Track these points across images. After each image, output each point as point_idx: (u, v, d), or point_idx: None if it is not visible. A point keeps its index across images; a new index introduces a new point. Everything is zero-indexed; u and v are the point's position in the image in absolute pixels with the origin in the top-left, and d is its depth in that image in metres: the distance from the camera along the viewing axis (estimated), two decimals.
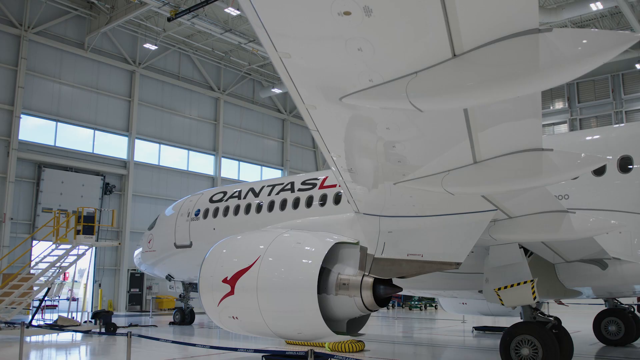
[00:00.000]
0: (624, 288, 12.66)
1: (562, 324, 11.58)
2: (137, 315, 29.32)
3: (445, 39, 4.33)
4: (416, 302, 37.64)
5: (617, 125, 28.88)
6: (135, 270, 32.91)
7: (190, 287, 22.53)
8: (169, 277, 21.89)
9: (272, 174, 43.51)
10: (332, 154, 7.29)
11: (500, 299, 10.41)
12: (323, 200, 16.31)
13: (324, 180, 16.89)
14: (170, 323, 23.07)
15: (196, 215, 20.03)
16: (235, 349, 9.60)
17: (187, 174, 37.27)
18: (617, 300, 16.19)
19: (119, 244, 27.46)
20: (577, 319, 23.84)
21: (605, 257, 10.92)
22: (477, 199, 8.64)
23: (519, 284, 10.19)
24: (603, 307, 16.97)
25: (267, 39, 4.61)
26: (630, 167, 11.37)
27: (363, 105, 5.34)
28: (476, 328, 20.36)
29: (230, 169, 40.28)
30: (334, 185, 16.40)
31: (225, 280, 10.94)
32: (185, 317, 22.82)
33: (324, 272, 10.16)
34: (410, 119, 5.88)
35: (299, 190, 17.27)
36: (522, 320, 10.81)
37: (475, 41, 4.39)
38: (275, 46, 4.67)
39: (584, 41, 4.11)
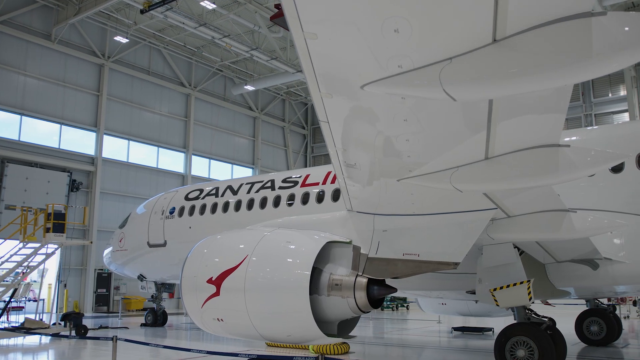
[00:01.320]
0: (608, 288, 12.63)
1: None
2: (105, 317, 28.41)
3: (490, 21, 4.01)
4: (388, 303, 37.55)
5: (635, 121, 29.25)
6: (102, 270, 31.96)
7: (163, 287, 21.85)
8: (141, 277, 21.21)
9: (243, 172, 42.89)
10: (337, 147, 6.92)
11: (495, 300, 10.22)
12: (305, 198, 15.93)
13: (306, 178, 16.52)
14: (142, 324, 22.33)
15: (171, 213, 19.42)
16: (236, 354, 9.13)
17: (156, 171, 36.36)
18: (599, 301, 16.27)
19: (90, 242, 26.53)
20: (558, 319, 23.97)
21: (597, 257, 10.83)
22: (477, 198, 8.40)
23: (515, 284, 10.01)
24: (583, 307, 17.05)
25: (295, 16, 4.23)
26: None
27: (388, 93, 5.00)
28: (455, 329, 20.25)
29: (200, 166, 39.51)
30: (316, 184, 16.05)
31: (210, 281, 10.48)
32: (157, 318, 22.11)
33: (315, 272, 9.79)
34: (430, 111, 5.57)
35: (280, 188, 16.86)
36: (516, 322, 10.64)
37: (520, 25, 4.09)
38: (303, 25, 4.29)
39: None
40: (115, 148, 34.25)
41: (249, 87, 40.04)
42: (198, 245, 11.39)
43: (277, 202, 16.58)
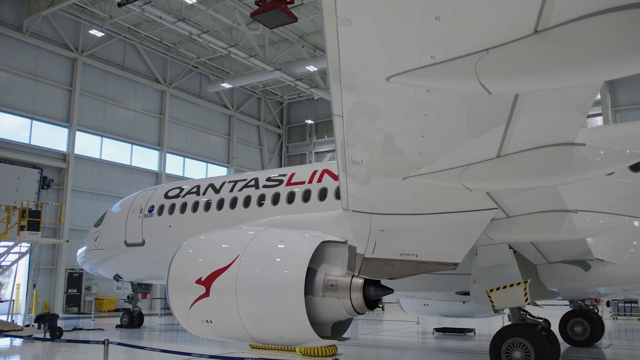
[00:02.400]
0: (596, 289, 12.66)
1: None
2: (76, 318, 27.60)
3: (536, 10, 3.82)
4: None
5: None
6: (73, 269, 31.12)
7: (140, 287, 21.27)
8: (117, 277, 20.60)
9: (218, 171, 42.34)
10: (347, 143, 6.67)
11: (492, 301, 10.12)
12: (291, 197, 15.66)
13: (291, 176, 16.25)
14: (118, 326, 21.71)
15: (150, 211, 18.90)
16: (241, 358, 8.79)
17: (130, 169, 35.55)
18: (582, 301, 16.39)
19: (67, 241, 25.69)
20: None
21: (589, 258, 10.83)
22: (479, 197, 8.28)
23: (511, 285, 9.93)
24: (564, 308, 17.17)
25: (331, 0, 3.97)
26: None
27: (416, 85, 4.78)
28: (437, 329, 20.22)
29: (175, 165, 38.81)
30: (302, 183, 15.80)
31: (199, 281, 10.11)
32: (133, 319, 21.52)
33: (310, 273, 9.50)
34: (452, 105, 5.37)
35: (264, 187, 16.55)
36: (511, 323, 10.57)
37: (566, 15, 3.90)
38: (338, 9, 4.03)
39: None
40: (87, 144, 33.37)
41: (226, 85, 39.51)
42: (185, 244, 11.00)
43: (261, 201, 16.27)
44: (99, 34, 32.55)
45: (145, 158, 36.77)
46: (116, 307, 31.55)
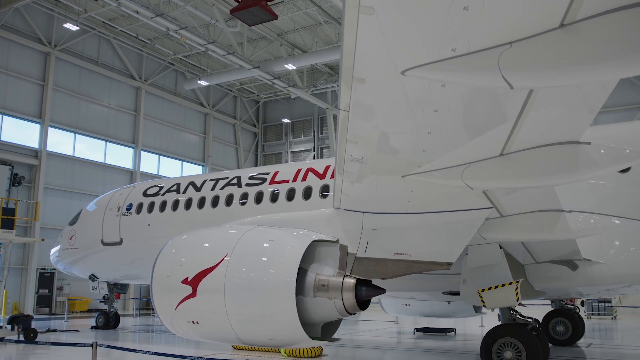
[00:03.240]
0: (577, 289, 12.74)
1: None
2: (47, 319, 26.87)
3: (566, 2, 3.71)
4: None
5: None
6: (44, 269, 30.32)
7: (116, 288, 20.77)
8: (93, 277, 20.07)
9: (193, 169, 41.78)
10: (349, 139, 6.49)
11: (483, 301, 10.07)
12: (274, 196, 15.43)
13: (275, 175, 16.01)
14: (93, 327, 21.16)
15: (128, 210, 18.46)
16: None
17: (103, 166, 34.79)
18: (564, 301, 16.52)
19: (42, 240, 24.93)
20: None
21: (576, 258, 10.87)
22: (474, 196, 8.20)
23: (503, 285, 9.90)
24: (543, 307, 17.31)
25: None
26: None
27: (434, 78, 4.64)
28: (418, 329, 20.20)
29: (149, 163, 38.15)
30: (286, 181, 15.59)
31: (185, 281, 9.82)
32: (109, 320, 21.01)
33: (300, 272, 9.28)
34: (464, 101, 5.25)
35: (247, 185, 16.29)
36: (501, 323, 10.54)
37: (595, 8, 3.80)
38: None
39: None
40: (60, 141, 32.55)
41: (203, 82, 38.95)
42: (170, 243, 10.69)
43: (244, 199, 16.00)
44: (74, 28, 31.72)
45: (120, 156, 36.06)
46: (89, 307, 30.89)
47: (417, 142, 6.29)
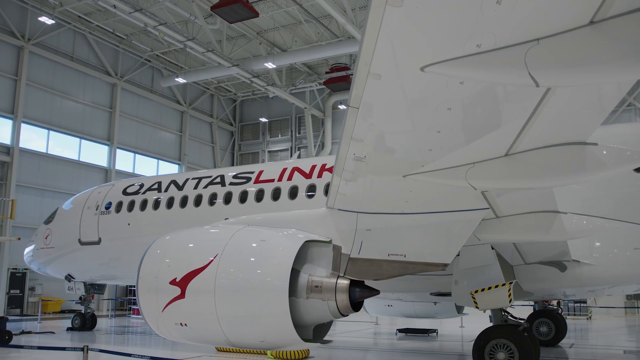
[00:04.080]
0: (561, 290, 12.80)
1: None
2: (19, 320, 26.11)
3: None
4: None
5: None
6: (16, 269, 29.52)
7: (93, 288, 20.26)
8: (69, 278, 19.53)
9: (169, 168, 41.19)
10: (354, 137, 6.32)
11: (475, 302, 10.03)
12: (260, 195, 15.21)
13: (260, 174, 15.80)
14: (69, 328, 20.60)
15: (107, 208, 18.04)
16: None
17: (78, 164, 34.00)
18: (547, 302, 16.64)
19: (18, 239, 24.22)
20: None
21: (565, 259, 10.92)
22: (472, 197, 8.12)
23: (496, 286, 9.87)
24: (523, 307, 17.43)
25: None
26: None
27: (455, 75, 4.51)
28: (400, 330, 20.17)
29: (125, 161, 37.45)
30: (272, 180, 15.39)
31: (174, 282, 9.56)
32: (86, 321, 20.49)
33: (293, 273, 9.09)
34: (479, 99, 5.14)
35: (231, 184, 16.04)
36: (493, 324, 10.51)
37: (627, 5, 3.72)
38: None
39: None
40: (33, 137, 31.72)
41: (180, 80, 38.36)
42: (157, 243, 10.40)
43: (228, 198, 15.76)
44: (49, 22, 30.84)
45: (94, 153, 35.30)
46: (62, 308, 30.19)
47: (424, 140, 6.17)
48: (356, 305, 9.53)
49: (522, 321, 10.55)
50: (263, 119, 47.05)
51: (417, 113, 5.55)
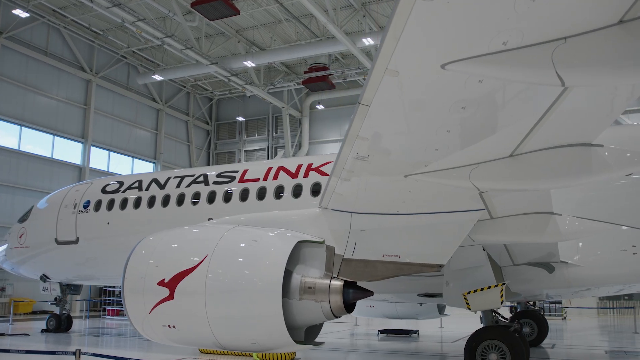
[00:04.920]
0: (549, 291, 12.87)
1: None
2: None
3: None
4: None
5: None
6: None
7: (69, 289, 19.75)
8: (44, 278, 19.00)
9: (144, 167, 40.55)
10: (361, 135, 6.19)
11: (467, 303, 10.02)
12: (244, 195, 15.00)
13: (244, 173, 15.57)
14: (43, 330, 20.05)
15: (85, 207, 17.61)
16: None
17: (51, 161, 33.19)
18: (528, 303, 16.77)
19: None
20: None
21: (553, 261, 10.98)
22: (468, 197, 8.10)
23: (489, 287, 9.86)
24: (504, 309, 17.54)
25: None
26: None
27: (476, 73, 4.42)
28: (381, 331, 20.14)
29: (99, 159, 36.71)
30: (257, 180, 15.19)
31: (162, 283, 9.33)
32: (61, 323, 19.96)
33: (285, 274, 8.95)
34: (495, 98, 5.06)
35: (215, 183, 15.79)
36: (484, 325, 10.51)
37: None
38: None
39: None
40: (4, 134, 30.85)
41: (157, 77, 37.74)
42: (144, 242, 10.14)
43: (211, 198, 15.50)
44: (24, 15, 30.01)
45: (68, 151, 34.52)
46: (33, 309, 29.44)
47: (432, 140, 6.08)
48: (349, 306, 9.44)
49: (513, 322, 10.56)
50: (240, 118, 46.65)
51: (429, 112, 5.45)
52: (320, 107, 42.41)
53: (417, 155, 6.63)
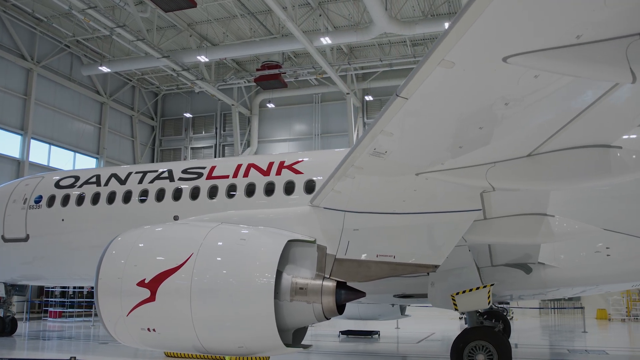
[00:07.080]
0: (512, 293, 13.03)
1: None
2: None
3: None
4: None
5: None
6: None
7: (14, 289, 18.53)
8: None
9: (87, 162, 38.82)
10: (384, 130, 5.93)
11: (455, 304, 9.98)
12: (213, 192, 14.49)
13: (212, 170, 15.05)
14: None
15: (36, 202, 16.57)
16: None
17: None
18: (494, 303, 17.02)
19: None
20: (450, 321, 24.94)
21: (531, 262, 11.12)
22: (466, 197, 8.03)
23: (477, 288, 9.86)
24: None
25: None
26: None
27: (543, 67, 4.26)
28: (342, 332, 19.99)
29: (39, 152, 34.84)
30: (226, 177, 14.71)
31: (142, 284, 8.83)
32: (5, 326, 18.70)
33: (276, 275, 8.65)
34: (544, 95, 4.93)
35: (180, 179, 15.19)
36: (469, 326, 10.50)
37: None
38: None
39: None
40: None
41: (104, 69, 36.11)
42: (120, 240, 9.57)
43: (177, 194, 14.89)
44: None
45: (5, 143, 32.56)
46: None
47: (461, 137, 5.92)
48: (341, 307, 9.21)
49: (497, 323, 10.61)
50: (187, 115, 45.46)
51: (472, 107, 5.28)
52: (270, 105, 41.92)
53: (438, 153, 6.47)
